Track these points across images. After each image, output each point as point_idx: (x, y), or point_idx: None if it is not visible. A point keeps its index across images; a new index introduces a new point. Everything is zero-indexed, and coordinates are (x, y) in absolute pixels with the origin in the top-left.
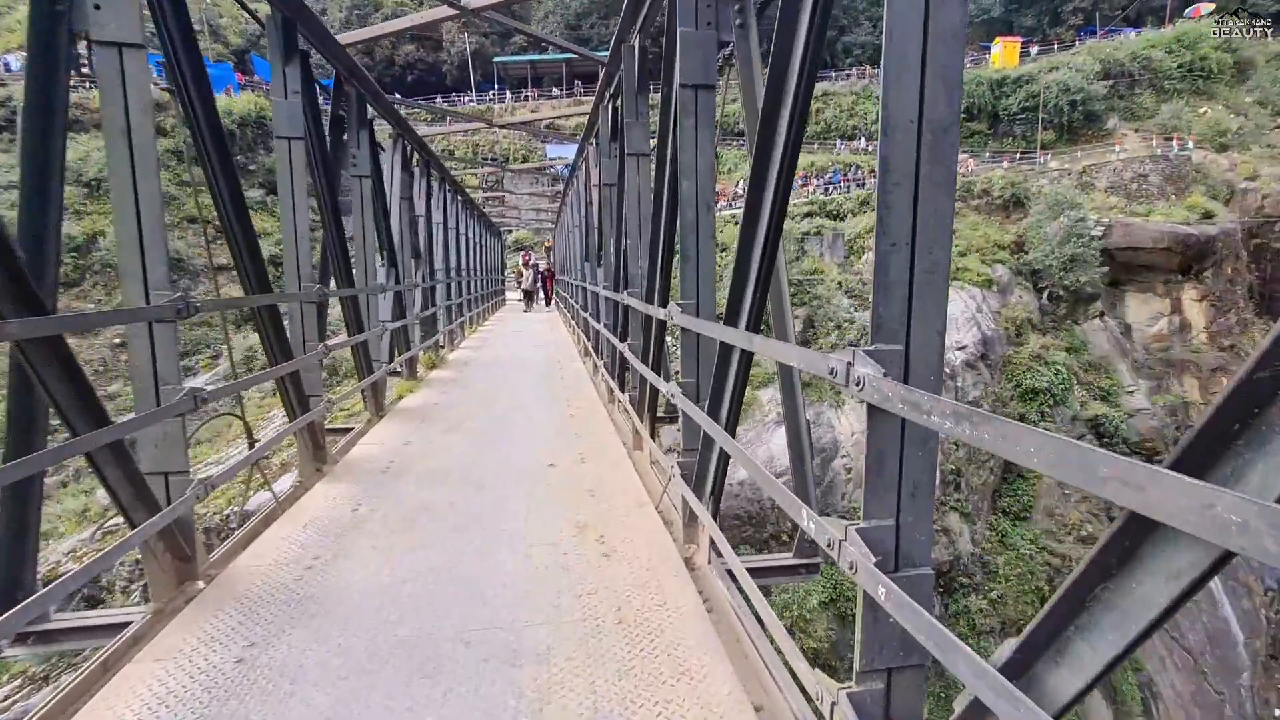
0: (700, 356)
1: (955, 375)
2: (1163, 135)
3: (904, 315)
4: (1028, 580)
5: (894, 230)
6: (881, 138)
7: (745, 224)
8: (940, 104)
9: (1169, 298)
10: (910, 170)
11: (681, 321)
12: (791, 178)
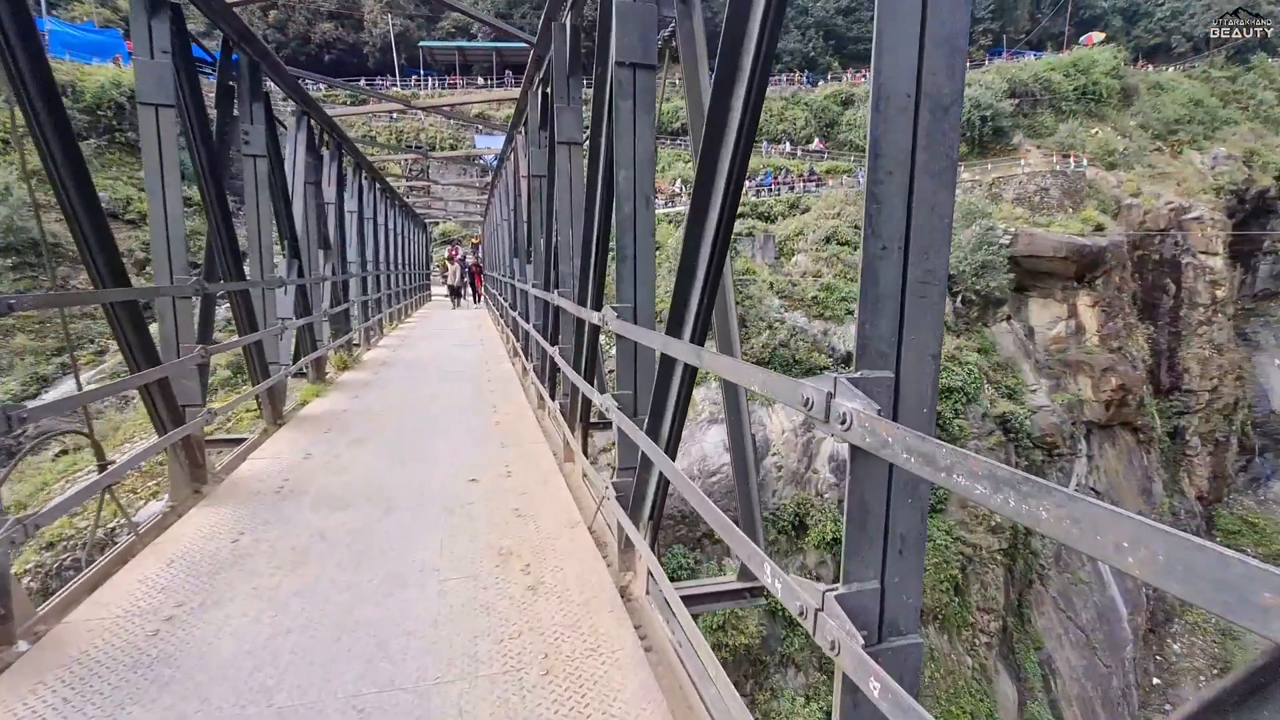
0: (639, 366)
1: None
2: (1061, 152)
3: (894, 335)
4: (943, 569)
5: (884, 230)
6: (872, 114)
7: (691, 222)
8: (940, 75)
9: (1066, 303)
10: (905, 157)
11: (617, 328)
12: (745, 169)
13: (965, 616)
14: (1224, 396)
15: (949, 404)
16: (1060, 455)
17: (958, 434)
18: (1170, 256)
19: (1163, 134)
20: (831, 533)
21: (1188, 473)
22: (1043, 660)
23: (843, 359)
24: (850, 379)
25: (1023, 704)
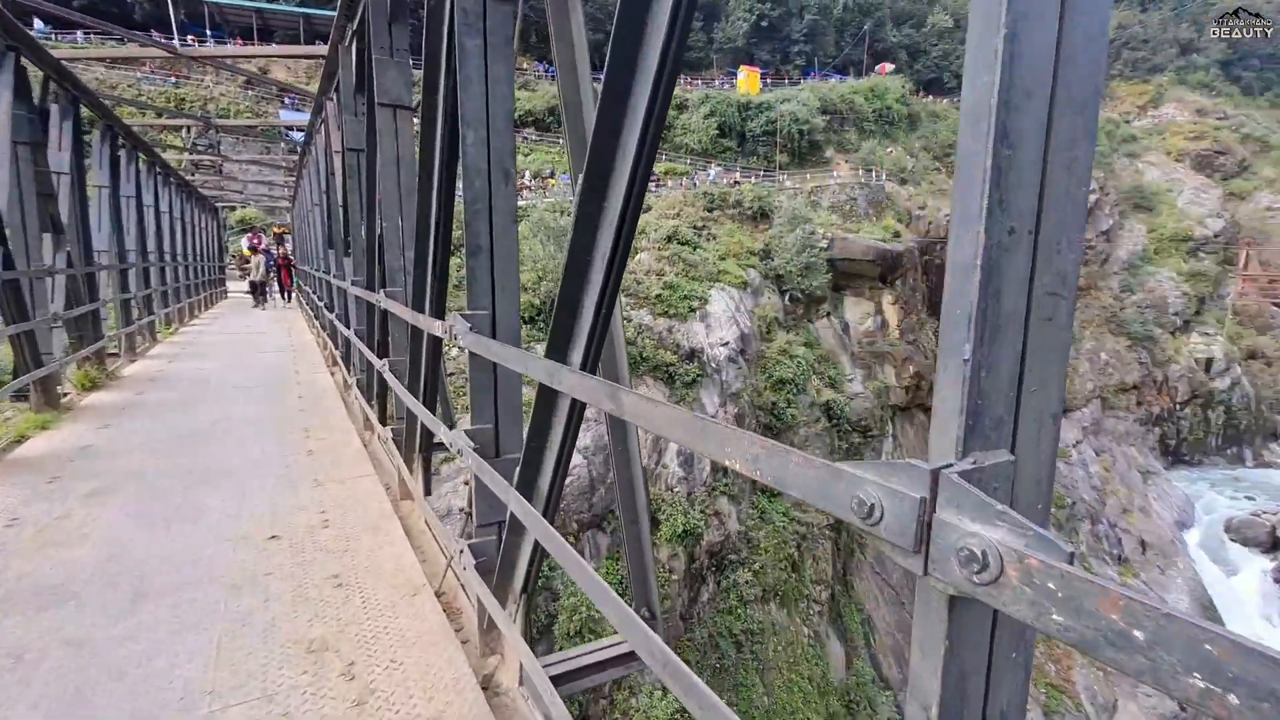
0: (501, 394)
1: (720, 369)
2: (864, 167)
3: (1014, 385)
4: (782, 549)
5: (1014, 203)
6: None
7: (585, 201)
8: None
9: (873, 300)
10: (1043, 102)
11: (469, 344)
12: (661, 128)
13: (801, 590)
14: None
15: (782, 394)
16: (873, 436)
17: (791, 422)
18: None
19: (941, 155)
20: (683, 525)
21: None
22: (864, 620)
23: (687, 355)
24: (963, 473)
25: (849, 661)
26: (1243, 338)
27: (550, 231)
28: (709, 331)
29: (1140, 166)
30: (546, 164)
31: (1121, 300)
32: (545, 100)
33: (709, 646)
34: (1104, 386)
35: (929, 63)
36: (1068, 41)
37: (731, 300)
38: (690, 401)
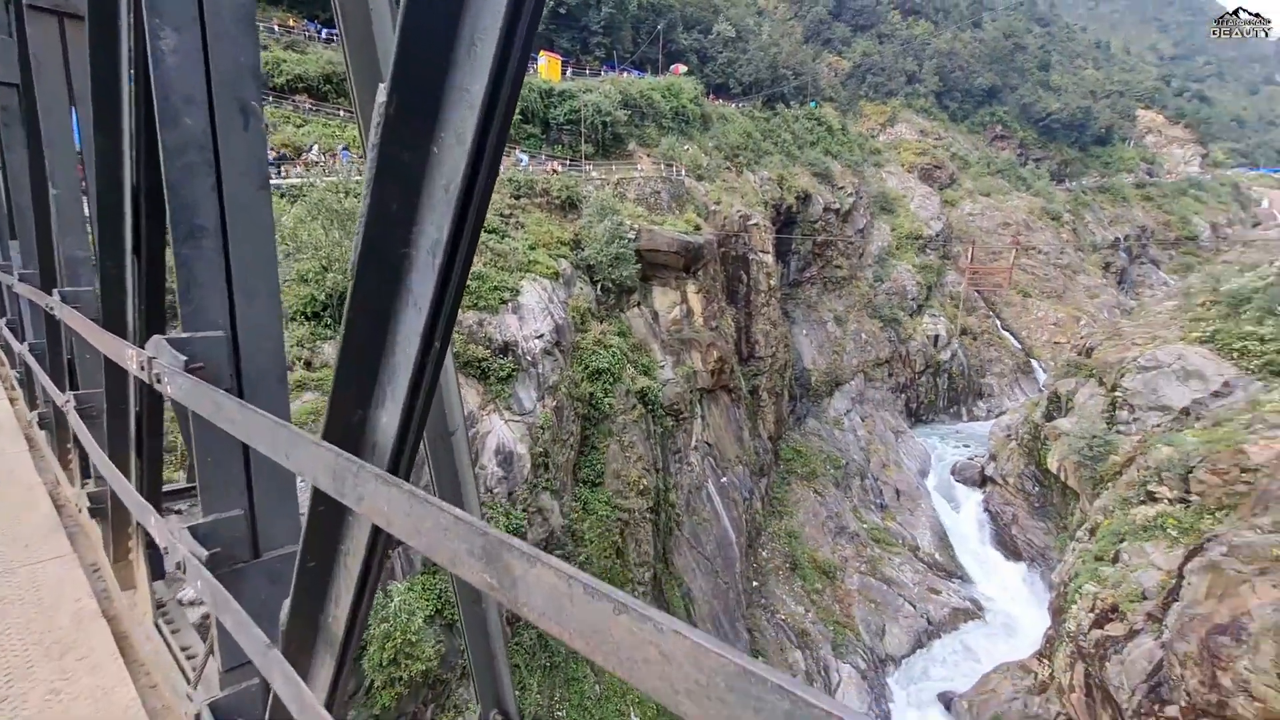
0: (255, 465)
1: (536, 362)
2: (665, 162)
3: None
4: (606, 537)
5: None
6: None
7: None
8: None
9: (679, 290)
10: None
11: (183, 395)
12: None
13: (627, 574)
14: (779, 360)
15: (599, 385)
16: (684, 419)
17: (608, 411)
18: (742, 253)
19: (730, 155)
20: (505, 527)
21: (762, 420)
22: (684, 593)
23: (500, 349)
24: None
25: None
26: (957, 318)
27: (335, 215)
28: (522, 324)
29: (884, 175)
30: (326, 139)
31: (875, 289)
32: (320, 65)
33: (538, 647)
34: (865, 362)
35: (716, 68)
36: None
37: (544, 291)
38: (506, 397)
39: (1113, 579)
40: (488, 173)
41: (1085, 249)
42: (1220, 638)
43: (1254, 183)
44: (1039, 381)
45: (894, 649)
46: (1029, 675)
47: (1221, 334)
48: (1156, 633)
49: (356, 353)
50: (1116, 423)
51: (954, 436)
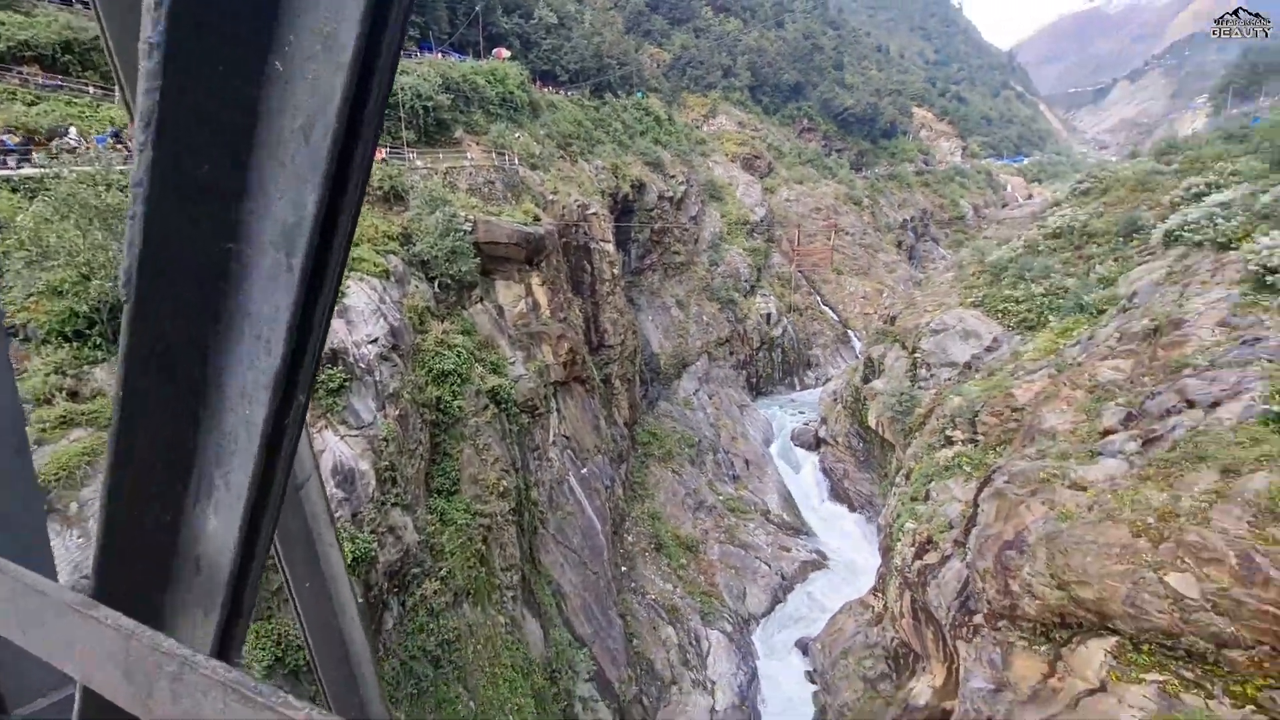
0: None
1: (372, 370)
2: (497, 150)
3: None
4: (468, 547)
5: None
6: None
7: None
8: None
9: (523, 283)
10: None
11: None
12: None
13: (493, 581)
14: (628, 347)
15: (447, 387)
16: (540, 414)
17: (459, 414)
18: (584, 243)
19: (563, 144)
20: (351, 554)
21: (616, 407)
22: (554, 590)
23: (327, 358)
24: None
25: (546, 634)
26: (785, 296)
27: (95, 212)
28: (351, 328)
29: (710, 164)
30: (67, 120)
31: (712, 272)
32: (56, 31)
33: (402, 674)
34: (708, 343)
35: (541, 55)
36: None
37: (374, 292)
38: (339, 410)
39: (926, 515)
40: (379, 98)
41: (882, 229)
42: (1009, 552)
43: (1000, 171)
44: (856, 349)
45: (755, 608)
46: (868, 610)
47: (989, 298)
48: (962, 556)
49: (149, 421)
50: (918, 380)
51: (790, 405)
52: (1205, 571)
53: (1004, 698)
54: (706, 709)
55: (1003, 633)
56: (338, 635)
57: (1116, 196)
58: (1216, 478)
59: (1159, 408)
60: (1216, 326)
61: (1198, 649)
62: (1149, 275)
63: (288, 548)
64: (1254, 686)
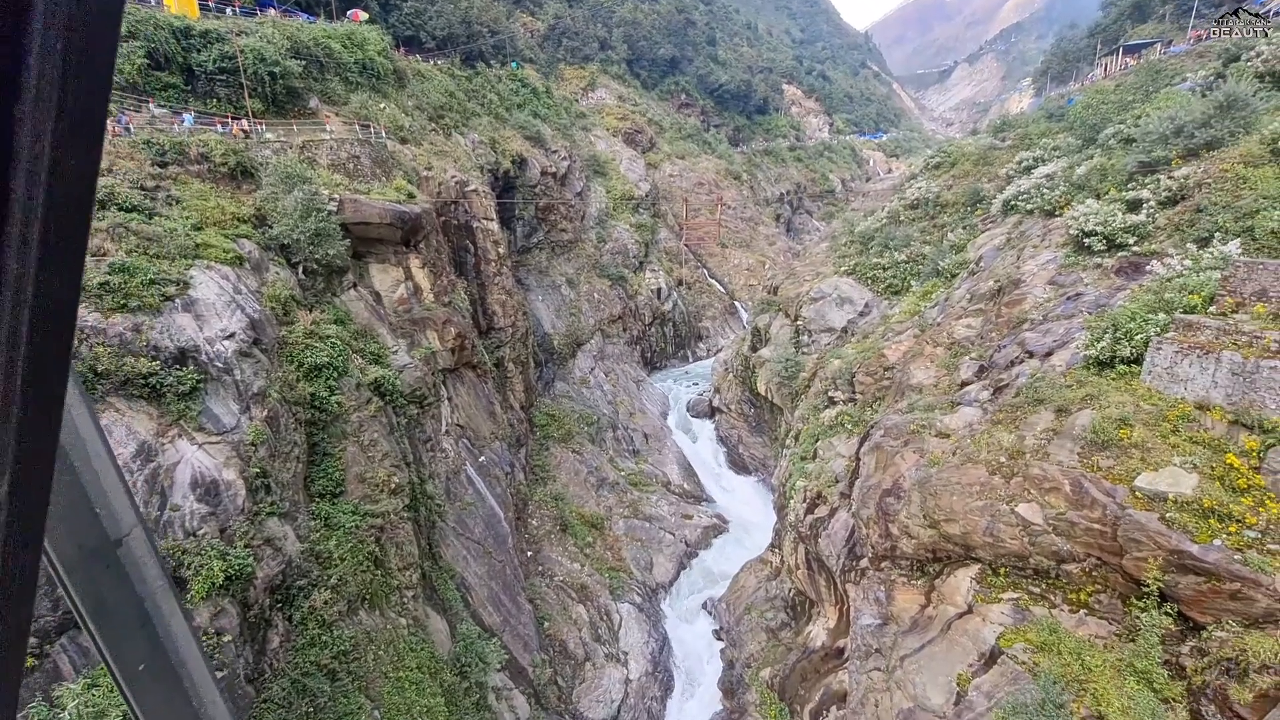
0: None
1: (231, 368)
2: (360, 122)
3: None
4: (360, 550)
5: None
6: None
7: None
8: None
9: (400, 266)
10: None
11: None
12: None
13: (390, 583)
14: (520, 328)
15: (322, 382)
16: (429, 404)
17: (339, 410)
18: (465, 222)
19: (434, 116)
20: (223, 572)
21: (511, 391)
22: (459, 584)
23: (174, 358)
24: None
25: (453, 629)
26: (673, 271)
27: None
28: (201, 323)
29: (592, 139)
30: None
31: (600, 249)
32: None
33: (294, 694)
34: (601, 320)
35: (403, 18)
36: None
37: (226, 281)
38: (195, 416)
39: (815, 472)
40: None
41: (761, 204)
42: (888, 499)
43: (864, 146)
44: (743, 320)
45: (662, 577)
46: (767, 566)
47: (860, 266)
48: (848, 507)
49: None
50: (801, 346)
51: (685, 378)
52: (1047, 500)
53: (889, 630)
54: (621, 680)
55: (885, 572)
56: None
57: (963, 170)
58: (1053, 417)
59: (1005, 359)
60: (1047, 285)
61: (1043, 567)
62: (991, 241)
63: (106, 627)
64: (1086, 593)
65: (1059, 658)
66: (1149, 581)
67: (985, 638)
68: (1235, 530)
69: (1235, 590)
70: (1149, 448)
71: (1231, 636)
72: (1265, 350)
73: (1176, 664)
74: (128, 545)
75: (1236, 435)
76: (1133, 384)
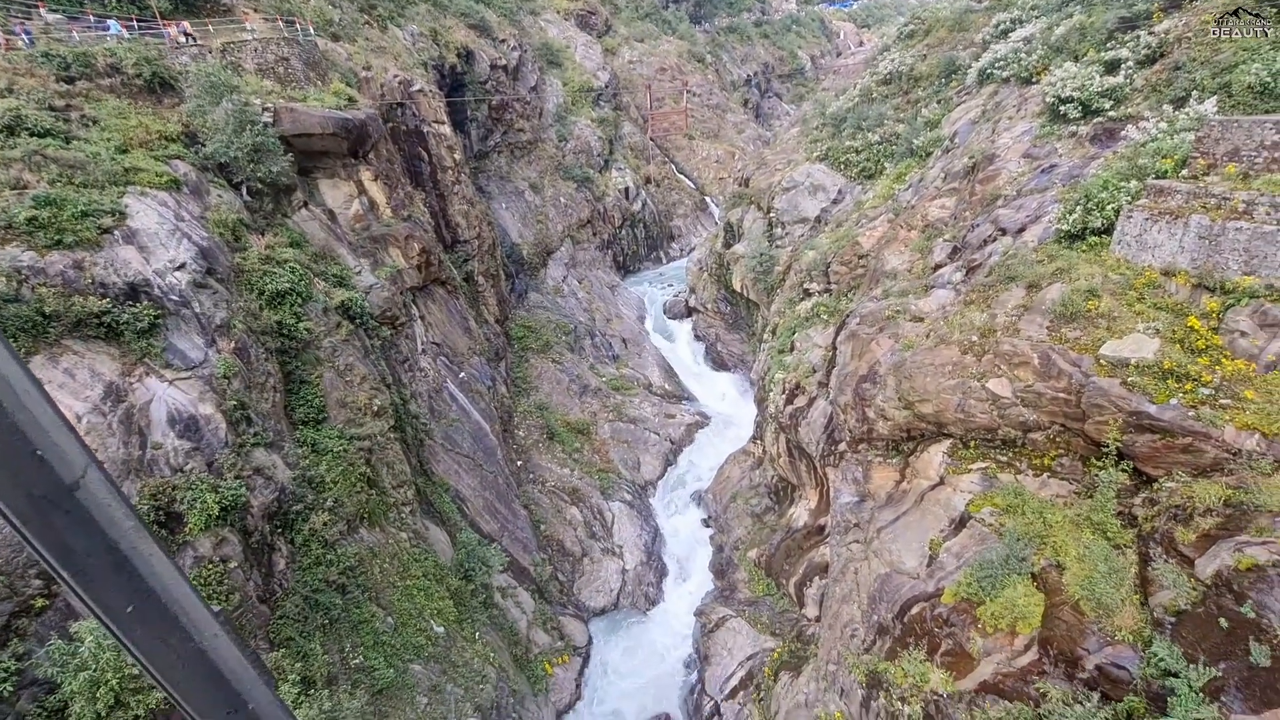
0: None
1: (189, 301)
2: (283, 18)
3: None
4: (352, 473)
5: None
6: None
7: None
8: None
9: (351, 180)
10: None
11: None
12: None
13: (386, 500)
14: (486, 240)
15: (287, 309)
16: (402, 324)
17: (309, 337)
18: (414, 127)
19: (366, 7)
20: (217, 504)
21: (484, 305)
22: (453, 497)
23: (124, 294)
24: None
25: (453, 538)
26: (640, 168)
27: None
28: (147, 255)
29: (542, 24)
30: None
31: (562, 149)
32: None
33: (308, 609)
34: (569, 226)
35: None
36: None
37: (165, 208)
38: (159, 353)
39: (793, 365)
40: None
41: (728, 89)
42: (864, 385)
43: (833, 17)
44: (715, 215)
45: (650, 475)
46: (750, 457)
47: (832, 150)
48: (826, 395)
49: None
50: (775, 239)
51: (659, 280)
52: (1016, 374)
53: (866, 506)
54: (618, 571)
55: (862, 454)
56: (198, 658)
57: (938, 38)
58: (1024, 294)
59: (978, 238)
60: (1022, 159)
61: (1010, 437)
62: (966, 115)
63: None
64: (1049, 458)
65: (1022, 518)
66: (1108, 442)
67: (956, 505)
68: (1191, 389)
69: (1187, 444)
70: (1115, 317)
71: (1180, 486)
72: (1233, 212)
73: (1129, 514)
74: (85, 488)
75: (1199, 298)
76: (1102, 255)
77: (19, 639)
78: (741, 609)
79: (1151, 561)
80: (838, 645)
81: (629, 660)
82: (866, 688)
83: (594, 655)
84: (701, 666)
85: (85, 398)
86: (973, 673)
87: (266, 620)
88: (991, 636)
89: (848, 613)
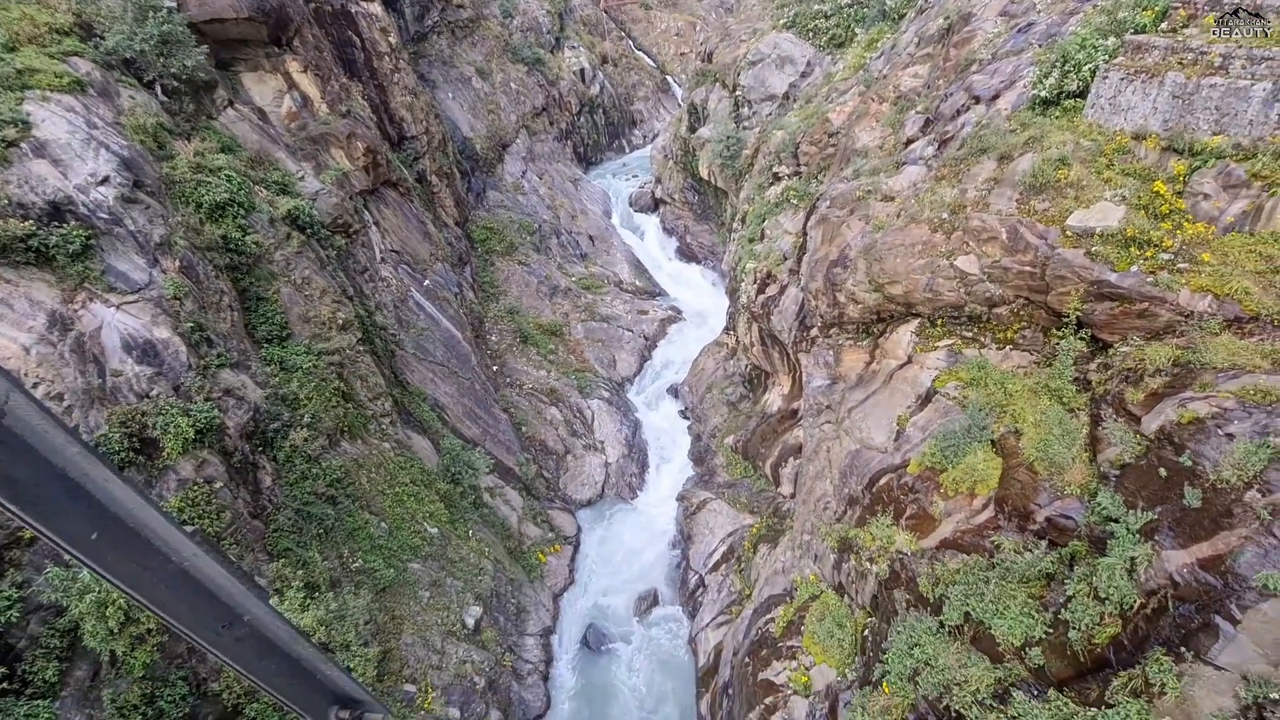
0: None
1: (120, 219)
2: None
3: None
4: (325, 387)
5: None
6: None
7: None
8: None
9: (278, 72)
10: None
11: None
12: None
13: (364, 413)
14: (435, 135)
15: (232, 221)
16: (356, 232)
17: (258, 250)
18: (340, 6)
19: None
20: (192, 428)
21: (442, 207)
22: (432, 404)
23: (46, 213)
24: None
25: (437, 445)
26: (595, 46)
27: None
28: (64, 169)
29: None
30: None
31: (508, 26)
32: None
33: (301, 521)
34: (523, 115)
35: None
36: None
37: (74, 114)
38: (99, 276)
39: (763, 253)
40: None
41: None
42: (835, 269)
43: None
44: (678, 96)
45: (626, 371)
46: (723, 348)
47: (800, 16)
48: (797, 282)
49: None
50: (741, 120)
51: (623, 171)
52: (984, 250)
53: (838, 388)
54: (601, 464)
55: (833, 338)
56: (181, 577)
57: None
58: (995, 166)
59: (951, 109)
60: (998, 17)
61: (976, 313)
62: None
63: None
64: (1012, 331)
65: (985, 389)
66: (1069, 312)
67: (923, 381)
68: (1151, 255)
69: (1144, 309)
70: (1084, 186)
71: (1133, 350)
72: (1208, 67)
73: (1084, 380)
74: (12, 414)
75: (1166, 162)
76: (1075, 120)
77: (15, 569)
78: (721, 491)
79: (1102, 422)
80: (811, 517)
81: (617, 544)
82: (838, 552)
83: (584, 542)
84: (685, 545)
85: (29, 328)
86: (934, 532)
87: (262, 534)
88: (952, 499)
89: (821, 488)
